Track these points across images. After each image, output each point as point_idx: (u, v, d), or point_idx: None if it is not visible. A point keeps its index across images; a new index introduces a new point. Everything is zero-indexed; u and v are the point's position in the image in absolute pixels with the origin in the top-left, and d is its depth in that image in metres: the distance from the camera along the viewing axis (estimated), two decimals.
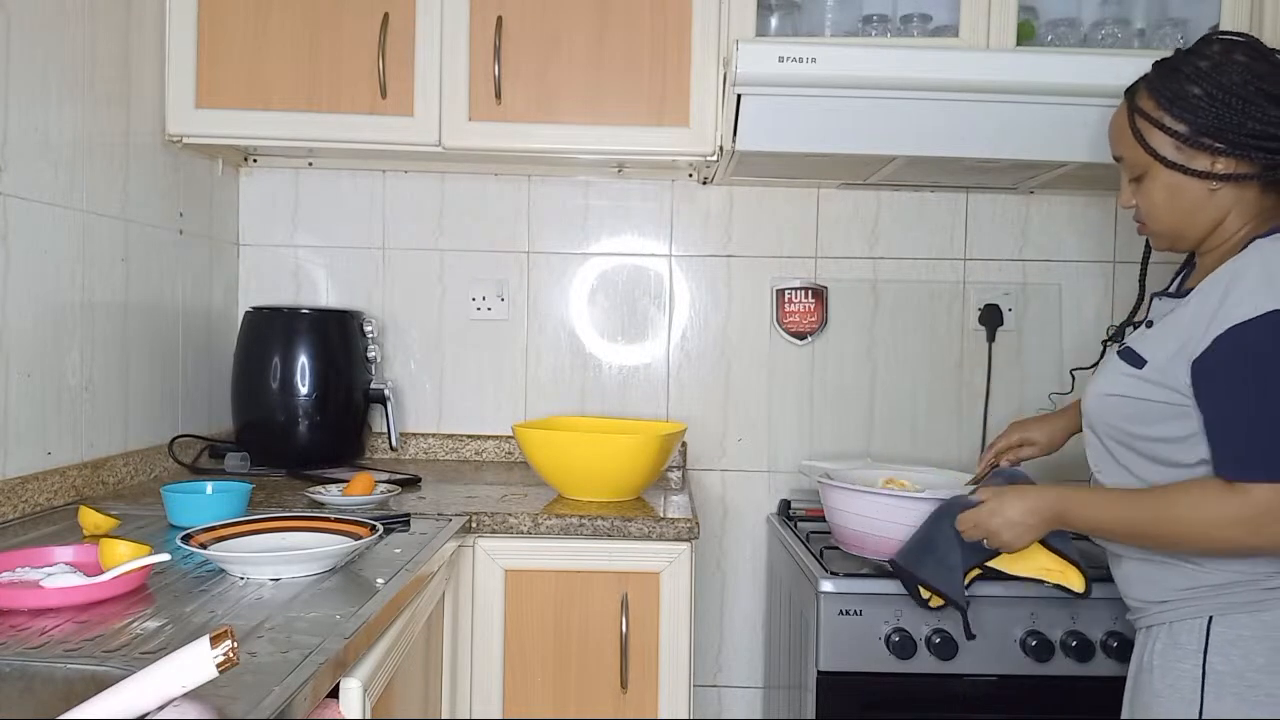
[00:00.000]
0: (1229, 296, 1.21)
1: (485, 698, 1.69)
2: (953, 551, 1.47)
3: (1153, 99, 1.29)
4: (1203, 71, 1.25)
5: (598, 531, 1.67)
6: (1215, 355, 1.19)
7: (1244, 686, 1.20)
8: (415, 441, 2.29)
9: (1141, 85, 1.32)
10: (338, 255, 2.30)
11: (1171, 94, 1.26)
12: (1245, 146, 1.23)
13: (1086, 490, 1.37)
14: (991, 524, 1.40)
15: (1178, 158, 1.27)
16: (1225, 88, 1.23)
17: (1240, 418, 1.18)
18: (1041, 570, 1.47)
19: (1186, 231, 1.31)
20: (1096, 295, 2.27)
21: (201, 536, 1.27)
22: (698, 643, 2.24)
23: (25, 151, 1.51)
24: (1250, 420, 1.17)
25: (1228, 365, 1.19)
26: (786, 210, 2.28)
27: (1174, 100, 1.26)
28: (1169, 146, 1.27)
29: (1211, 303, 1.22)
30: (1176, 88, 1.26)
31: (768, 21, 1.96)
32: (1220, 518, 1.18)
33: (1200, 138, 1.24)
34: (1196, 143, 1.25)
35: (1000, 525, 1.39)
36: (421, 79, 1.92)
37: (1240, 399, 1.18)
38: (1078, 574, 1.47)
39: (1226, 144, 1.23)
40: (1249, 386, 1.18)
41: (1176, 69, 1.28)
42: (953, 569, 1.47)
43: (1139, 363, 1.29)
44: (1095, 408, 1.35)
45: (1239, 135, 1.23)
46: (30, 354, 1.53)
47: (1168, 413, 1.25)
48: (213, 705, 0.81)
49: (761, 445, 2.29)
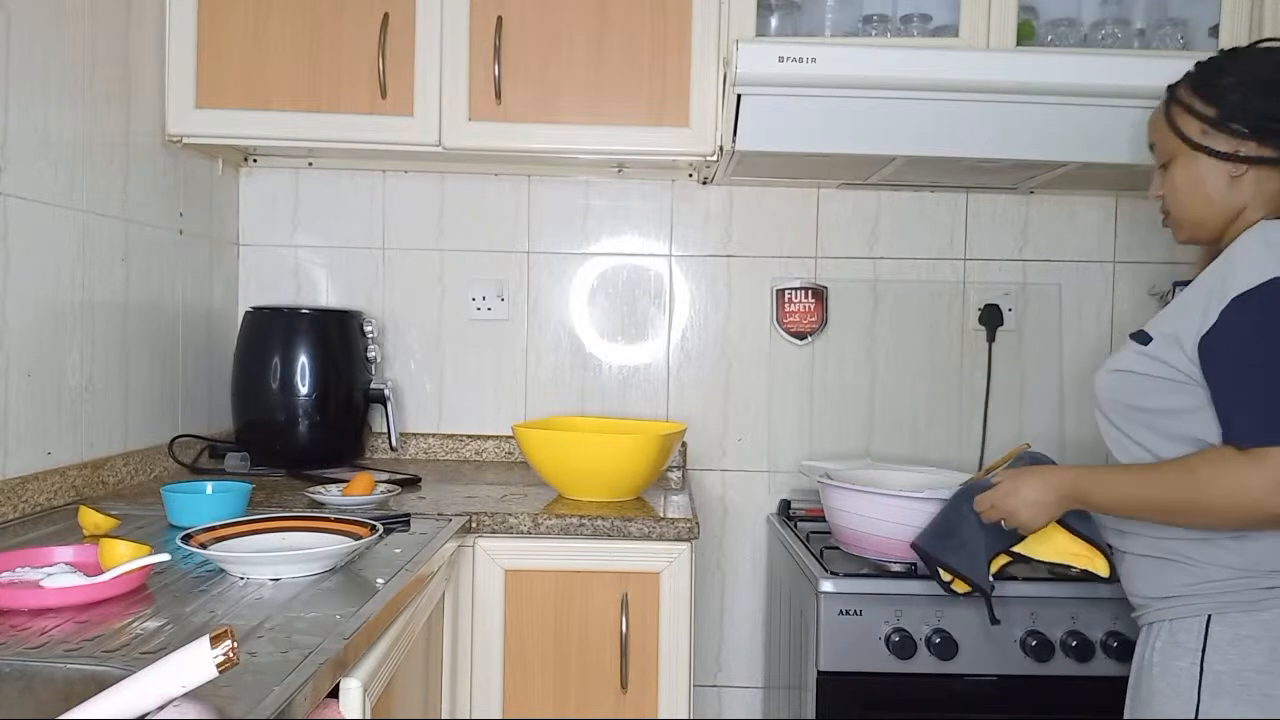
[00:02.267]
0: (1231, 270, 1.23)
1: (485, 698, 1.69)
2: (974, 535, 1.46)
3: (1188, 86, 1.35)
4: (1237, 61, 1.33)
5: (598, 531, 1.67)
6: (1220, 326, 1.21)
7: (1240, 686, 1.20)
8: (415, 441, 2.29)
9: (1184, 78, 1.38)
10: (338, 255, 2.30)
11: (1204, 80, 1.33)
12: (1267, 131, 1.27)
13: (1104, 468, 1.36)
14: (1009, 504, 1.39)
15: (1203, 140, 1.32)
16: (1253, 73, 1.29)
17: (1249, 384, 1.19)
18: (1068, 555, 1.44)
19: (1206, 219, 1.34)
20: (1096, 295, 2.27)
21: (201, 536, 1.27)
22: (698, 643, 2.24)
23: (25, 151, 1.51)
24: (1259, 386, 1.19)
25: (1233, 335, 1.21)
26: (786, 210, 2.28)
27: (1205, 85, 1.32)
28: (1196, 129, 1.32)
29: (1215, 278, 1.25)
30: (1210, 75, 1.33)
31: (768, 21, 1.96)
32: (1240, 483, 1.18)
33: (1227, 122, 1.29)
34: (1223, 126, 1.30)
35: (1017, 505, 1.38)
36: (421, 79, 1.92)
37: (1247, 366, 1.20)
38: (1103, 559, 1.43)
39: (1250, 128, 1.28)
40: (1255, 354, 1.19)
41: (1215, 61, 1.35)
42: (975, 554, 1.46)
43: (1146, 340, 1.32)
44: (1102, 384, 1.38)
45: (1262, 119, 1.27)
46: (30, 354, 1.53)
47: (1165, 386, 1.28)
48: (213, 705, 0.81)
49: (761, 445, 2.29)
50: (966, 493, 1.48)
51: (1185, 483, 1.23)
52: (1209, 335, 1.22)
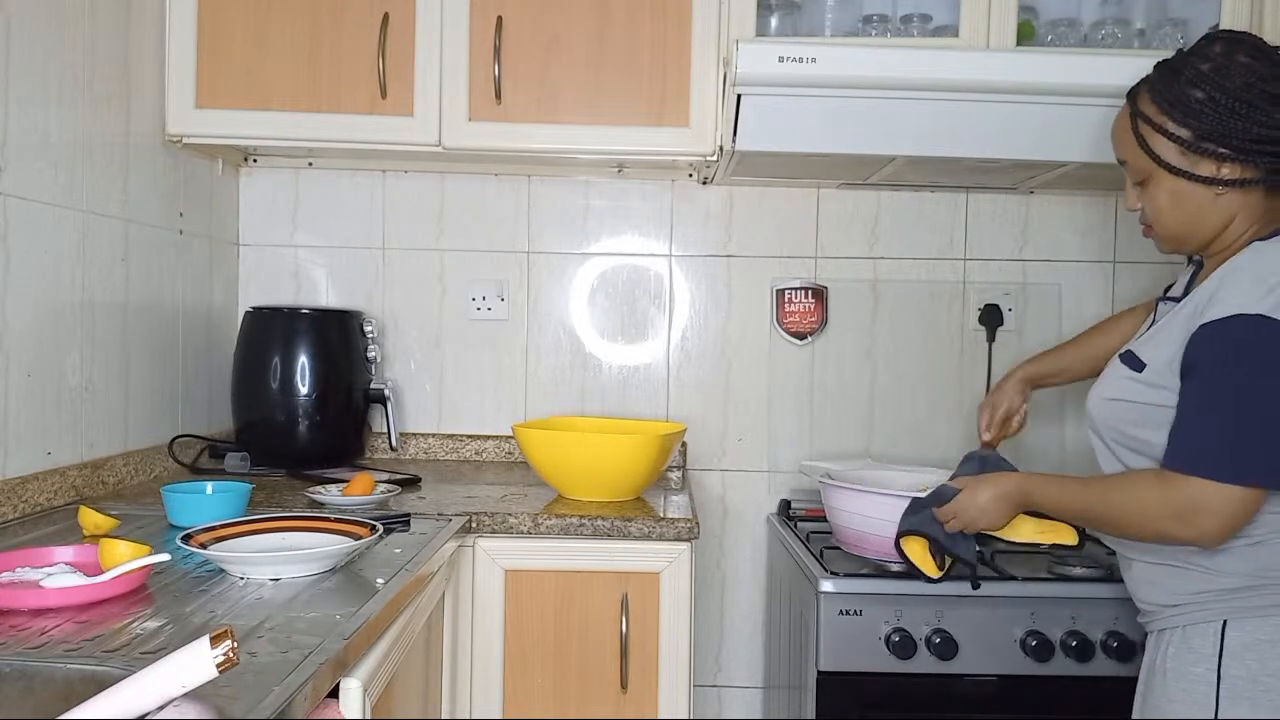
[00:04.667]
0: (1214, 297, 1.21)
1: (485, 698, 1.69)
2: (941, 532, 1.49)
3: (1155, 103, 1.27)
4: (1205, 74, 1.23)
5: (598, 531, 1.67)
6: (1188, 352, 1.21)
7: (1259, 691, 1.19)
8: (415, 441, 2.29)
9: (1143, 88, 1.30)
10: (338, 255, 2.30)
11: (1174, 98, 1.24)
12: (1250, 151, 1.21)
13: (1049, 475, 1.41)
14: (968, 513, 1.44)
15: (1181, 163, 1.25)
16: (1228, 91, 1.21)
17: (1190, 413, 1.21)
18: (1035, 535, 1.48)
19: (1192, 235, 1.30)
20: (1096, 295, 2.27)
21: (201, 536, 1.27)
22: (698, 643, 2.24)
23: (25, 151, 1.51)
24: (1197, 416, 1.20)
25: (1194, 362, 1.21)
26: (786, 210, 2.28)
27: (1176, 104, 1.24)
28: (1173, 152, 1.25)
29: (1202, 304, 1.23)
30: (1179, 91, 1.24)
31: (768, 21, 1.96)
32: (1143, 503, 1.22)
33: (1204, 143, 1.23)
34: (1200, 148, 1.23)
35: (976, 514, 1.43)
36: (421, 79, 1.92)
37: (1194, 395, 1.20)
38: (1069, 530, 1.47)
39: (1231, 149, 1.22)
40: (1203, 384, 1.19)
41: (1178, 71, 1.25)
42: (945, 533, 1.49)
43: (1139, 366, 1.29)
44: (1098, 412, 1.36)
45: (1243, 140, 1.21)
46: (30, 354, 1.53)
47: (1169, 416, 1.24)
48: (213, 705, 0.81)
49: (761, 445, 2.29)
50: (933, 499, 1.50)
51: (1104, 497, 1.27)
52: (1182, 358, 1.22)
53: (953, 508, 1.45)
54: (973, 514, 1.44)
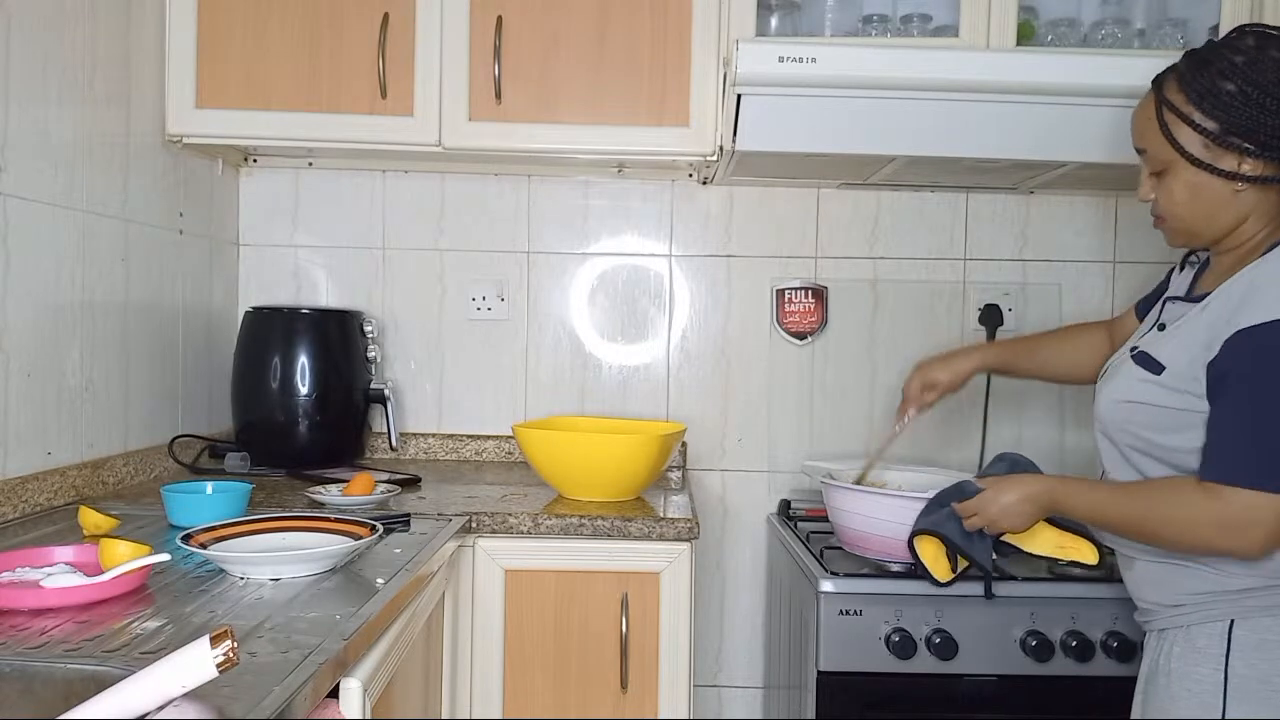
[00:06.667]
0: (1247, 301, 1.19)
1: (485, 698, 1.69)
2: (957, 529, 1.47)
3: (1183, 93, 1.24)
4: (1237, 67, 1.20)
5: (598, 531, 1.67)
6: (1221, 358, 1.19)
7: (1269, 691, 1.18)
8: (415, 441, 2.29)
9: (1171, 77, 1.27)
10: (338, 255, 2.30)
11: (1203, 89, 1.22)
12: (1275, 148, 1.19)
13: (1079, 480, 1.37)
14: (990, 512, 1.41)
15: (1205, 155, 1.23)
16: (1260, 86, 1.18)
17: (1230, 422, 1.18)
18: (1054, 548, 1.47)
19: (1205, 230, 1.28)
20: (1096, 295, 2.27)
21: (201, 536, 1.27)
22: (698, 643, 2.23)
23: (25, 151, 1.51)
24: (1239, 425, 1.17)
25: (1229, 369, 1.18)
26: (786, 210, 2.28)
27: (1205, 96, 1.21)
28: (1197, 144, 1.23)
29: (1230, 307, 1.21)
30: (1208, 82, 1.21)
31: (768, 21, 1.96)
32: (1189, 517, 1.19)
33: (1230, 137, 1.20)
34: (1226, 142, 1.21)
35: (998, 513, 1.40)
36: (421, 79, 1.92)
37: (1233, 403, 1.18)
38: (1090, 547, 1.46)
39: (1257, 144, 1.20)
40: (1243, 392, 1.17)
41: (1209, 62, 1.22)
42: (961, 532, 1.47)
43: (1157, 368, 1.26)
44: (1110, 414, 1.33)
45: (1271, 137, 1.19)
46: (30, 354, 1.53)
47: (1189, 420, 1.23)
48: (213, 705, 0.81)
49: (761, 445, 2.29)
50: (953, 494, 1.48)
51: (1144, 506, 1.24)
52: (1213, 363, 1.19)
53: (974, 504, 1.43)
54: (994, 513, 1.40)
